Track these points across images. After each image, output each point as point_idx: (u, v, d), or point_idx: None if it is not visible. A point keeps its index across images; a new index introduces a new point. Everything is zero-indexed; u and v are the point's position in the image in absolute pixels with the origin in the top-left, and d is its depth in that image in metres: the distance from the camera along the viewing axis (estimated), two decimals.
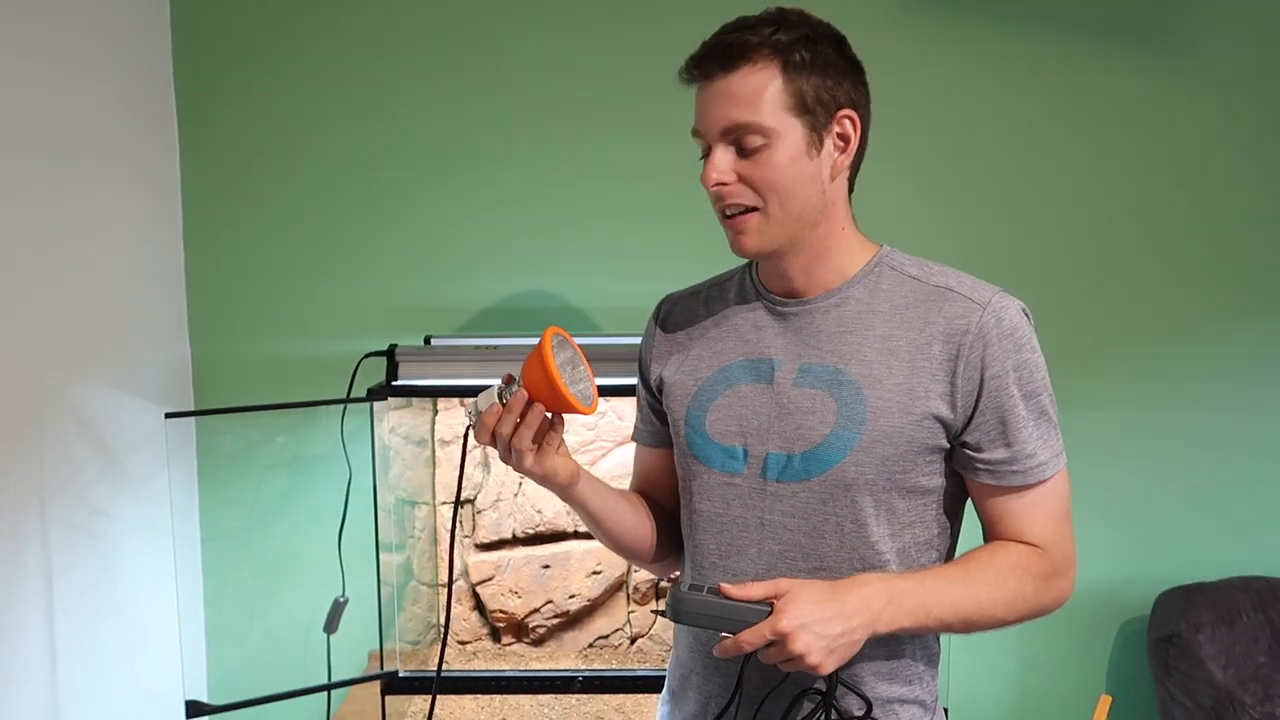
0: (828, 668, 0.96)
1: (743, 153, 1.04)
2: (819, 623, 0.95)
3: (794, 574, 1.08)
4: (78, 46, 1.68)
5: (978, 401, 1.04)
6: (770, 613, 0.96)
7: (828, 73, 1.05)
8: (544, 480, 1.11)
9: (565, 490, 1.14)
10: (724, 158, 1.05)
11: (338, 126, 1.99)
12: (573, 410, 1.06)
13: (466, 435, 1.10)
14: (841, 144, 1.07)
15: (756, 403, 1.10)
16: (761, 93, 1.02)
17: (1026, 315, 1.08)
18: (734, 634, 0.96)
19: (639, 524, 1.23)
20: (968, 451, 1.06)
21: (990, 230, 2.04)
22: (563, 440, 1.10)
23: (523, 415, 1.06)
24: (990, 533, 1.10)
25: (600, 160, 2.01)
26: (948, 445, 1.06)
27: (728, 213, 1.07)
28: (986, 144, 2.02)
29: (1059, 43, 1.99)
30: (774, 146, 1.03)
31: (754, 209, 1.05)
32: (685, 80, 1.07)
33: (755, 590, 0.98)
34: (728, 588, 0.98)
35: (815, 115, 1.04)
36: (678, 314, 1.24)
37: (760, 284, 1.16)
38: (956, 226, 2.03)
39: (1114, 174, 2.03)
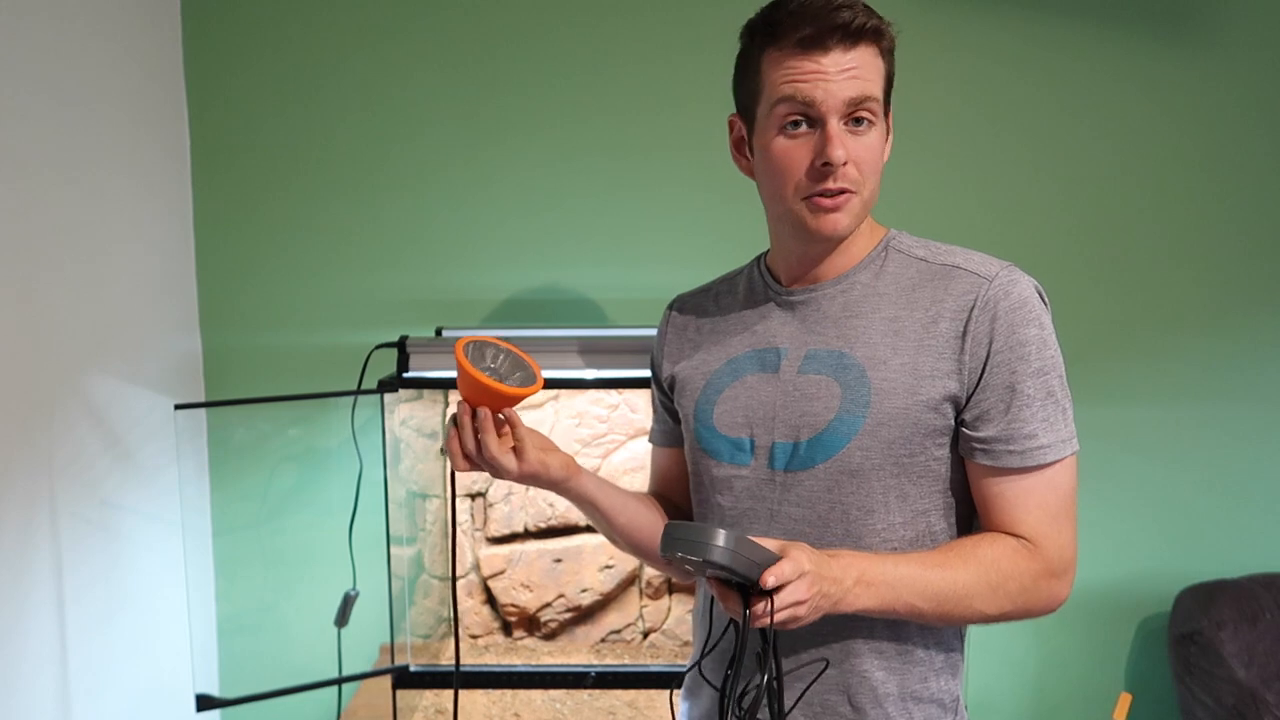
0: (804, 622, 0.93)
1: (854, 131, 1.01)
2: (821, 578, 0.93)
3: None
4: (90, 40, 1.67)
5: (982, 375, 1.01)
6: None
7: (895, 61, 1.05)
8: (537, 479, 1.11)
9: (566, 485, 1.14)
10: (843, 132, 1.00)
11: (349, 119, 1.98)
12: (510, 396, 1.07)
13: (452, 476, 1.14)
14: (887, 134, 1.08)
15: (763, 393, 1.09)
16: (876, 73, 1.01)
17: (1040, 294, 1.04)
18: (754, 577, 0.91)
19: (653, 522, 1.22)
20: (965, 430, 1.03)
21: (1014, 218, 2.01)
22: (546, 439, 1.12)
23: (475, 426, 1.07)
24: (984, 522, 1.05)
25: (612, 153, 1.99)
26: (955, 425, 1.04)
27: (829, 192, 1.01)
28: (1010, 130, 2.00)
29: (1087, 27, 1.96)
30: (877, 128, 1.03)
31: (853, 192, 1.02)
32: (794, 48, 1.00)
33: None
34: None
35: (889, 103, 1.05)
36: (688, 312, 1.23)
37: (768, 274, 1.15)
38: (979, 214, 2.01)
39: (1141, 162, 2.00)
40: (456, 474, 1.13)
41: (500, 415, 1.09)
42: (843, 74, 0.99)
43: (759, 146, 1.06)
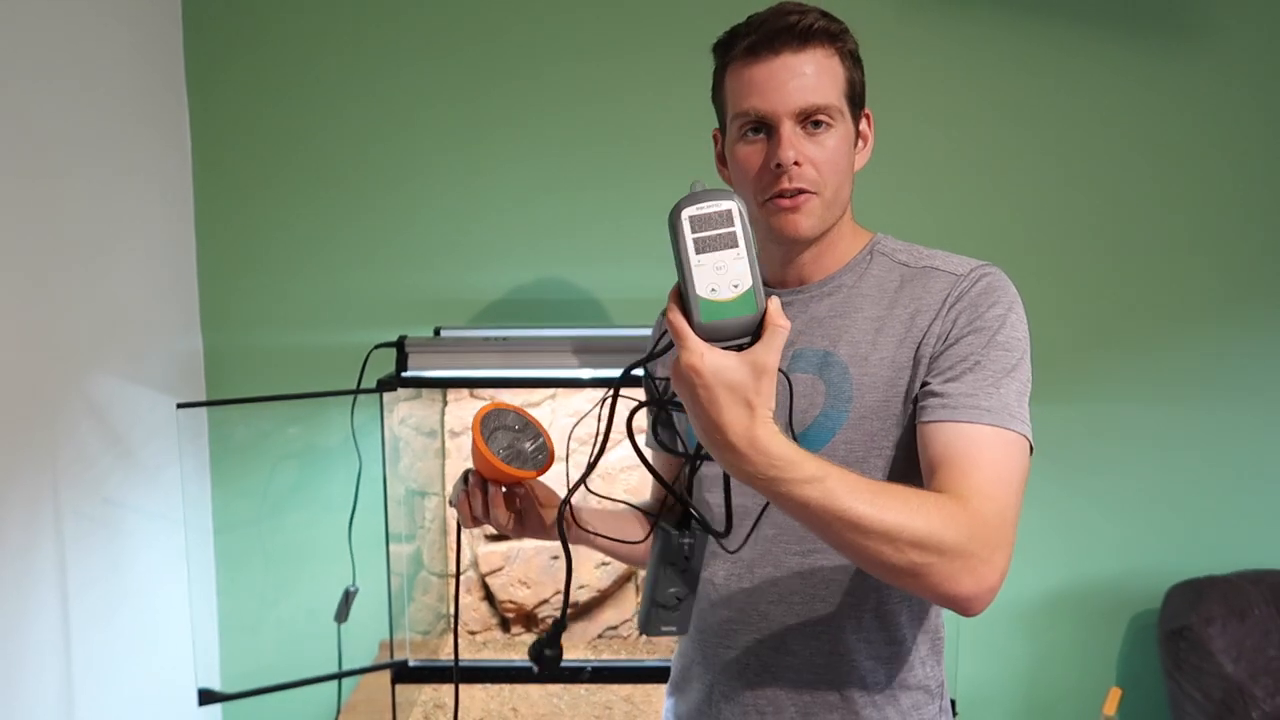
0: (702, 405, 0.80)
1: (810, 134, 1.03)
2: (727, 373, 0.78)
3: (788, 558, 1.09)
4: (91, 40, 1.68)
5: (947, 344, 1.00)
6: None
7: (861, 68, 1.07)
8: (539, 537, 1.19)
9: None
10: (797, 135, 1.03)
11: (349, 120, 1.99)
12: (520, 479, 1.13)
13: (459, 526, 1.21)
14: (861, 142, 1.10)
15: None
16: (831, 76, 1.03)
17: (1013, 287, 1.04)
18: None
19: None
20: (922, 389, 1.00)
21: (1014, 214, 2.03)
22: (552, 496, 1.19)
23: (485, 495, 1.15)
24: (929, 480, 0.94)
25: (613, 151, 2.00)
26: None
27: (786, 193, 1.03)
28: (1015, 125, 2.01)
29: (1091, 24, 1.97)
30: (836, 131, 1.04)
31: (813, 193, 1.04)
32: (745, 57, 1.03)
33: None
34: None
35: (857, 108, 1.07)
36: None
37: None
38: (983, 210, 2.02)
39: (1142, 157, 2.01)
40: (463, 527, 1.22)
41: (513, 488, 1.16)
42: (794, 77, 1.01)
43: (728, 156, 1.10)
